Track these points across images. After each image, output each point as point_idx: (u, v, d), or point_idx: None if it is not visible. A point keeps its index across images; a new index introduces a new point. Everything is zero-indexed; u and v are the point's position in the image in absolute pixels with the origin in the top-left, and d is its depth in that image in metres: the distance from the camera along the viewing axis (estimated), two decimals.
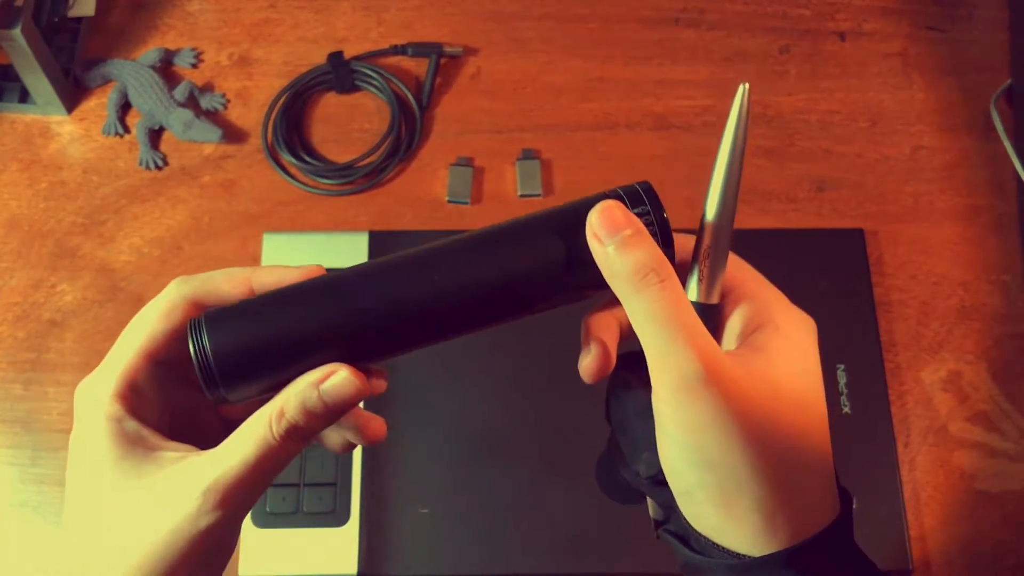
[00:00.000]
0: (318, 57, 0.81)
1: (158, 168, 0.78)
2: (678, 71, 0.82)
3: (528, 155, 0.78)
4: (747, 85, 0.35)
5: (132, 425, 0.38)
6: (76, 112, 0.80)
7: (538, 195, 0.77)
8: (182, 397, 0.41)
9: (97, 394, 0.39)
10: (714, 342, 0.36)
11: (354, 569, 0.65)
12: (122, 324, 0.75)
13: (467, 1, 0.85)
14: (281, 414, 0.36)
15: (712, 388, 0.34)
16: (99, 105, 0.80)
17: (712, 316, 0.39)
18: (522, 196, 0.77)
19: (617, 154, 0.78)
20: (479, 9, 0.84)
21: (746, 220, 0.77)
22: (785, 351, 0.38)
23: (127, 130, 0.79)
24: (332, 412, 0.37)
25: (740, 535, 0.36)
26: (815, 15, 0.85)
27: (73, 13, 0.80)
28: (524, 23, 0.84)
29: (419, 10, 0.84)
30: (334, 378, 0.36)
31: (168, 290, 0.40)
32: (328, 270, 0.40)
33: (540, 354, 0.70)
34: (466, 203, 0.77)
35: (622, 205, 0.37)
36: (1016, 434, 0.71)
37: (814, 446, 0.37)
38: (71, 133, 0.79)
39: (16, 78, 0.77)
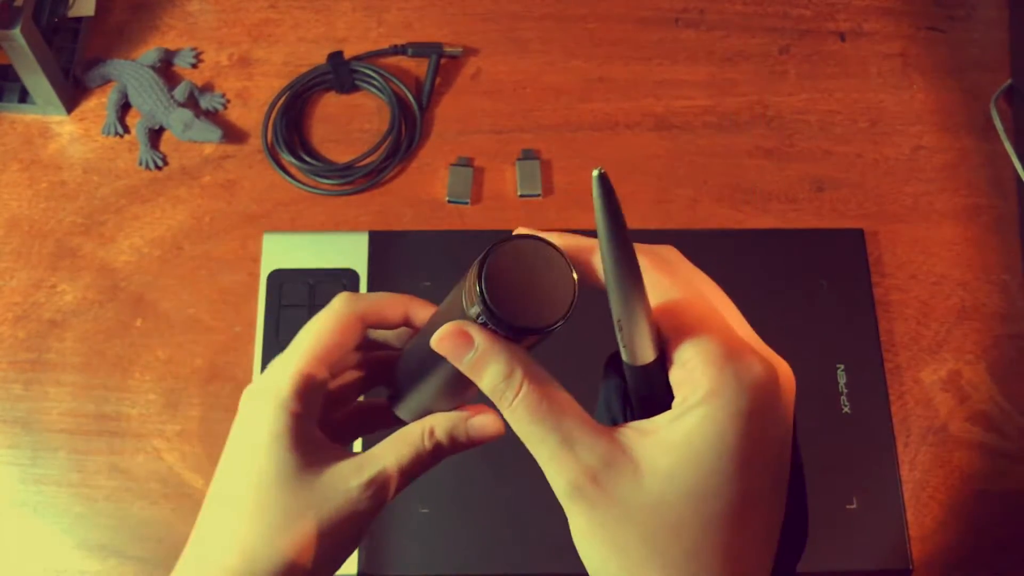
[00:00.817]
0: (318, 57, 0.81)
1: (158, 168, 0.78)
2: (678, 71, 0.82)
3: (528, 155, 0.78)
4: (599, 171, 0.33)
5: (309, 423, 0.42)
6: (76, 112, 0.80)
7: (538, 195, 0.77)
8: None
9: (278, 392, 0.42)
10: (590, 439, 0.34)
11: (354, 569, 0.65)
12: (122, 324, 0.75)
13: (467, 1, 0.85)
14: (431, 432, 0.42)
15: (580, 501, 0.34)
16: (99, 105, 0.80)
17: (650, 374, 0.36)
18: (522, 196, 0.77)
19: (617, 154, 0.78)
20: (479, 9, 0.84)
21: (746, 220, 0.77)
22: (683, 444, 0.34)
23: (127, 130, 0.79)
24: (471, 443, 0.43)
25: None
26: (815, 15, 0.85)
27: (73, 13, 0.80)
28: (524, 23, 0.84)
29: (419, 10, 0.84)
30: (482, 417, 0.42)
31: (337, 305, 0.44)
32: None
33: (540, 353, 0.70)
34: (466, 203, 0.77)
35: (456, 328, 0.36)
36: (1016, 434, 0.71)
37: (712, 553, 0.34)
38: (71, 133, 0.79)
39: (16, 78, 0.77)
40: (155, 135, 0.79)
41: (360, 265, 0.73)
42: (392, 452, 0.42)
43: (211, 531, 0.42)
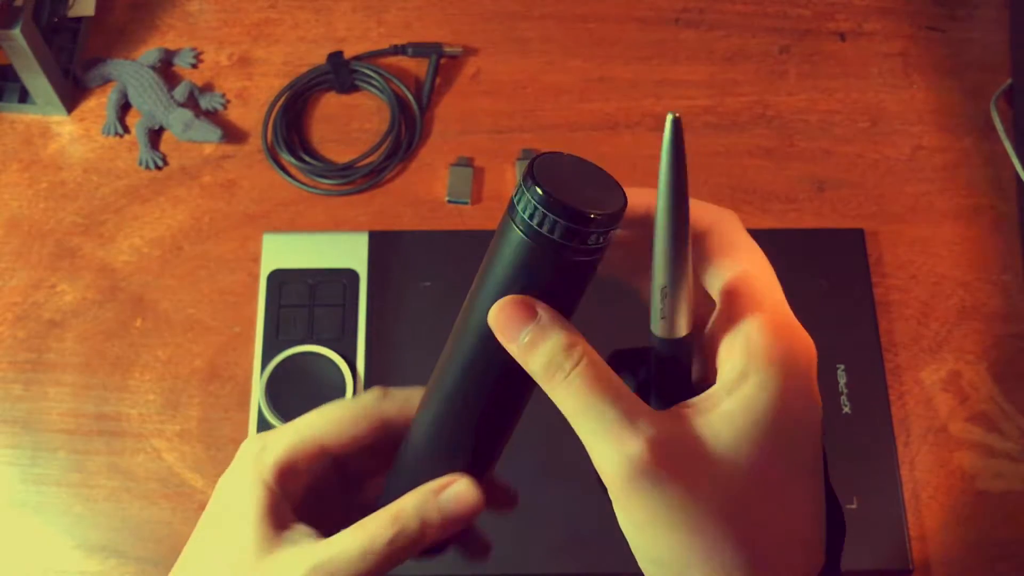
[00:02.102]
0: (318, 57, 0.81)
1: (158, 168, 0.78)
2: (678, 71, 0.82)
3: (528, 155, 0.78)
4: (674, 115, 0.32)
5: (283, 503, 0.39)
6: (76, 112, 0.80)
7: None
8: (328, 486, 0.42)
9: (263, 458, 0.40)
10: (650, 417, 0.33)
11: None
12: (122, 324, 0.75)
13: (467, 1, 0.85)
14: (396, 517, 0.38)
15: (644, 482, 0.32)
16: (99, 105, 0.80)
17: (681, 350, 0.35)
18: None
19: (617, 154, 0.78)
20: (479, 9, 0.84)
21: (746, 220, 0.76)
22: (743, 413, 0.33)
23: (127, 130, 0.79)
24: (447, 523, 0.38)
25: None
26: (815, 15, 0.85)
27: (73, 13, 0.80)
28: (524, 23, 0.84)
29: (419, 10, 0.84)
30: (455, 487, 0.38)
31: (368, 398, 0.42)
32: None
33: None
34: (466, 203, 0.77)
35: (517, 300, 0.34)
36: (1017, 434, 0.71)
37: (777, 527, 0.34)
38: (71, 133, 0.79)
39: (16, 78, 0.77)
40: (155, 135, 0.79)
41: (360, 265, 0.73)
42: (345, 541, 0.38)
43: None
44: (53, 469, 0.69)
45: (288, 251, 0.74)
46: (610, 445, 0.32)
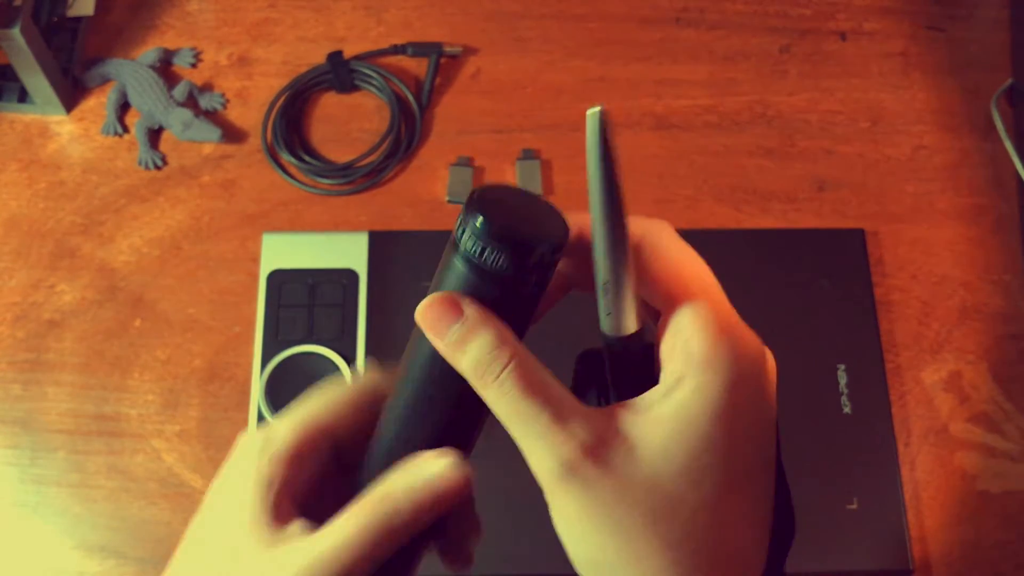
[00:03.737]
0: (318, 57, 0.81)
1: (157, 168, 0.78)
2: (678, 71, 0.82)
3: (528, 155, 0.78)
4: (598, 108, 0.31)
5: (280, 494, 0.38)
6: (75, 112, 0.80)
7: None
8: (328, 471, 0.41)
9: (267, 451, 0.39)
10: (582, 417, 0.33)
11: None
12: (121, 324, 0.75)
13: (467, 1, 0.85)
14: (383, 497, 0.36)
15: (574, 483, 0.32)
16: (98, 105, 0.80)
17: (632, 348, 0.35)
18: None
19: None
20: (479, 9, 0.84)
21: (746, 220, 0.77)
22: (675, 417, 0.33)
23: (126, 130, 0.79)
24: (439, 501, 0.36)
25: None
26: (815, 15, 0.85)
27: (72, 13, 0.80)
28: (524, 23, 0.84)
29: (419, 10, 0.84)
30: (439, 463, 0.37)
31: (366, 379, 0.41)
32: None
33: (540, 353, 0.70)
34: None
35: (444, 295, 0.33)
36: (1017, 435, 0.71)
37: (710, 534, 0.33)
38: (70, 133, 0.79)
39: (15, 78, 0.77)
40: (154, 135, 0.79)
41: (360, 265, 0.73)
42: (332, 534, 0.37)
43: None
44: (52, 469, 0.69)
45: (288, 251, 0.74)
46: (540, 447, 0.33)
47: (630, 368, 0.35)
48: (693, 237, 0.38)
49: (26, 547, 0.67)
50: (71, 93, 0.80)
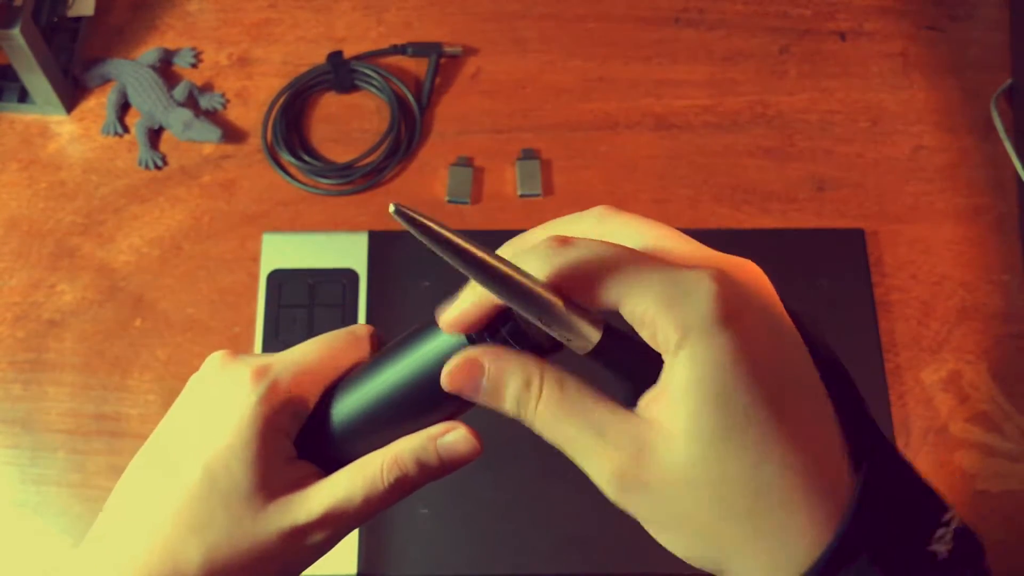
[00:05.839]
0: (318, 57, 0.81)
1: (157, 168, 0.78)
2: (678, 71, 0.82)
3: (528, 155, 0.78)
4: (393, 207, 0.32)
5: (282, 436, 0.40)
6: (75, 112, 0.80)
7: (538, 195, 0.77)
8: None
9: (273, 384, 0.39)
10: (616, 426, 0.33)
11: (354, 569, 0.65)
12: (121, 324, 0.75)
13: (467, 1, 0.85)
14: (395, 461, 0.38)
15: (634, 494, 0.33)
16: (98, 105, 0.80)
17: (613, 347, 0.34)
18: (522, 196, 0.77)
19: (617, 154, 0.78)
20: (479, 9, 0.84)
21: (746, 220, 0.77)
22: (691, 388, 0.32)
23: (126, 130, 0.79)
24: (445, 467, 0.39)
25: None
26: (815, 15, 0.85)
27: (72, 13, 0.80)
28: (524, 23, 0.84)
29: (419, 10, 0.84)
30: (454, 434, 0.38)
31: (360, 328, 0.42)
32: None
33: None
34: (466, 203, 0.77)
35: (462, 359, 0.35)
36: (1016, 434, 0.71)
37: (770, 476, 0.32)
38: (70, 133, 0.79)
39: (15, 78, 0.77)
40: (155, 135, 0.79)
41: (360, 265, 0.73)
42: (344, 487, 0.39)
43: (135, 517, 0.39)
44: (53, 469, 0.69)
45: (288, 251, 0.74)
46: (592, 463, 0.33)
47: (631, 361, 0.35)
48: (693, 237, 0.38)
49: (27, 546, 0.67)
50: (71, 93, 0.80)
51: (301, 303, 0.72)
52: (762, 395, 0.32)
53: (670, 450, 0.32)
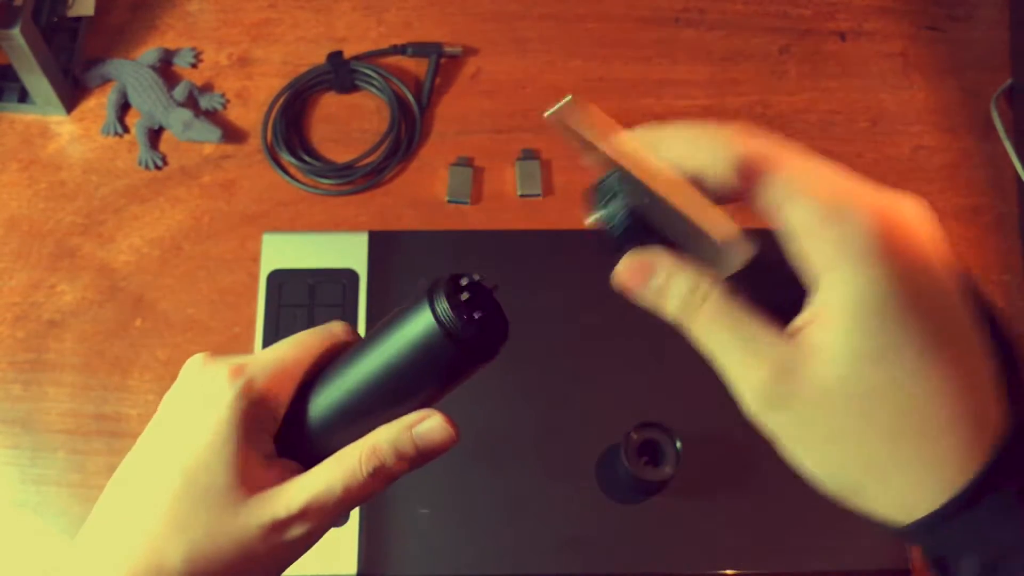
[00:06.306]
0: (318, 57, 0.81)
1: (157, 168, 0.78)
2: (678, 71, 0.82)
3: (528, 155, 0.78)
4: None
5: (262, 433, 0.40)
6: (75, 112, 0.80)
7: (538, 195, 0.77)
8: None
9: (249, 382, 0.40)
10: (768, 340, 0.34)
11: (354, 569, 0.65)
12: (121, 324, 0.75)
13: (467, 1, 0.85)
14: (372, 452, 0.39)
15: (780, 410, 0.33)
16: (98, 105, 0.80)
17: (762, 266, 0.37)
18: (522, 196, 0.77)
19: None
20: (479, 9, 0.84)
21: (746, 220, 0.77)
22: (848, 309, 0.33)
23: (126, 130, 0.79)
24: (422, 455, 0.39)
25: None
26: (815, 15, 0.85)
27: (72, 13, 0.80)
28: (524, 23, 0.84)
29: (419, 10, 0.84)
30: (429, 422, 0.39)
31: (336, 325, 0.43)
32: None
33: (540, 354, 0.70)
34: (466, 203, 0.77)
35: (636, 258, 0.36)
36: None
37: (922, 401, 0.32)
38: (70, 133, 0.79)
39: (15, 78, 0.77)
40: (155, 135, 0.79)
41: (360, 265, 0.73)
42: (324, 480, 0.39)
43: (121, 518, 0.40)
44: (53, 469, 0.69)
45: (288, 251, 0.74)
46: (739, 376, 0.34)
47: (776, 283, 0.37)
48: None
49: (26, 547, 0.67)
50: (71, 93, 0.80)
51: (301, 303, 0.72)
52: (919, 322, 0.33)
53: (822, 367, 0.33)
